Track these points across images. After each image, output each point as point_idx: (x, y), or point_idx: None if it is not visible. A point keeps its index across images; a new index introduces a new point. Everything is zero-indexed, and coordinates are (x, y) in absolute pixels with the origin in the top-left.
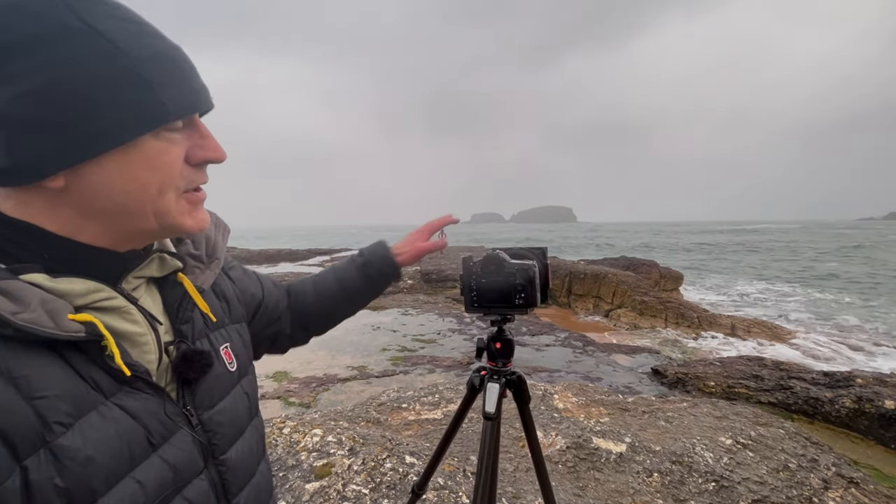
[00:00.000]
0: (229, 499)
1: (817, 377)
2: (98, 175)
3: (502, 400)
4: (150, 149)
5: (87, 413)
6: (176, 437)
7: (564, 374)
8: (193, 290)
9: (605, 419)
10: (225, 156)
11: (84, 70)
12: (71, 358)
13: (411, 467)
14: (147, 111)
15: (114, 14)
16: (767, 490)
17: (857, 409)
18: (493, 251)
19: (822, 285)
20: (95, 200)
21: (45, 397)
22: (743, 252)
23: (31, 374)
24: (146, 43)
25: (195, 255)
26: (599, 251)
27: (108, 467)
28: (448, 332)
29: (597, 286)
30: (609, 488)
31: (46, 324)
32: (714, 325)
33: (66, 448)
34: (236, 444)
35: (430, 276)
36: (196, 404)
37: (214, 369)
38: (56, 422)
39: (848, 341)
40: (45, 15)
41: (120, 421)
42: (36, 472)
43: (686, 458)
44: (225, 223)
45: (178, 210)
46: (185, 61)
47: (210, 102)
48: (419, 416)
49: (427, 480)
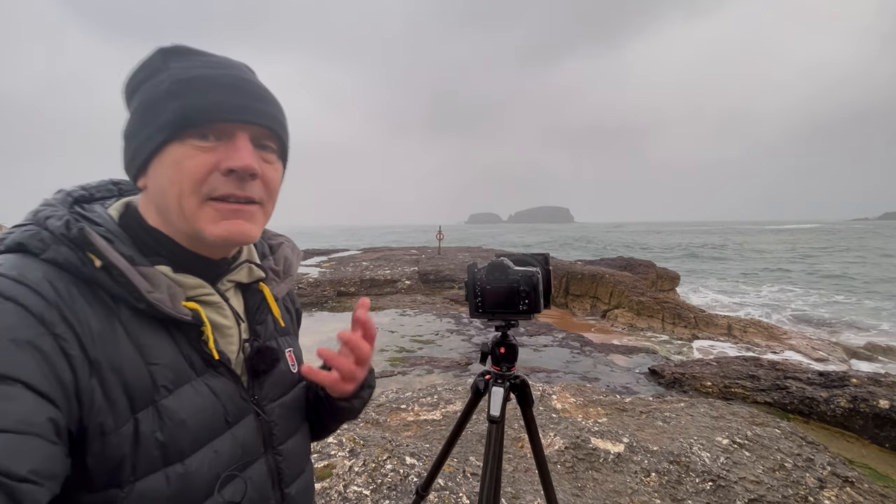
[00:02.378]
0: (283, 487)
1: (813, 377)
2: (151, 177)
3: (506, 403)
4: (177, 154)
5: (183, 384)
6: (245, 420)
7: (562, 375)
8: (271, 298)
9: (603, 419)
10: (245, 164)
11: (150, 94)
12: (176, 336)
13: (412, 468)
14: (169, 120)
15: (189, 55)
16: (764, 489)
17: (852, 408)
18: (498, 258)
19: (819, 285)
20: (155, 198)
21: (158, 364)
22: (739, 252)
23: (151, 343)
24: (194, 71)
25: (275, 269)
26: (597, 251)
27: (194, 432)
28: (446, 332)
29: (594, 286)
30: (607, 488)
31: (167, 304)
32: (711, 326)
33: (168, 409)
34: (291, 438)
35: (428, 276)
36: (262, 395)
37: (280, 367)
38: (163, 386)
39: (843, 341)
40: (151, 63)
41: (206, 396)
42: (144, 424)
43: (683, 457)
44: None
45: (201, 215)
46: (228, 84)
47: (244, 117)
48: (418, 417)
49: (431, 482)
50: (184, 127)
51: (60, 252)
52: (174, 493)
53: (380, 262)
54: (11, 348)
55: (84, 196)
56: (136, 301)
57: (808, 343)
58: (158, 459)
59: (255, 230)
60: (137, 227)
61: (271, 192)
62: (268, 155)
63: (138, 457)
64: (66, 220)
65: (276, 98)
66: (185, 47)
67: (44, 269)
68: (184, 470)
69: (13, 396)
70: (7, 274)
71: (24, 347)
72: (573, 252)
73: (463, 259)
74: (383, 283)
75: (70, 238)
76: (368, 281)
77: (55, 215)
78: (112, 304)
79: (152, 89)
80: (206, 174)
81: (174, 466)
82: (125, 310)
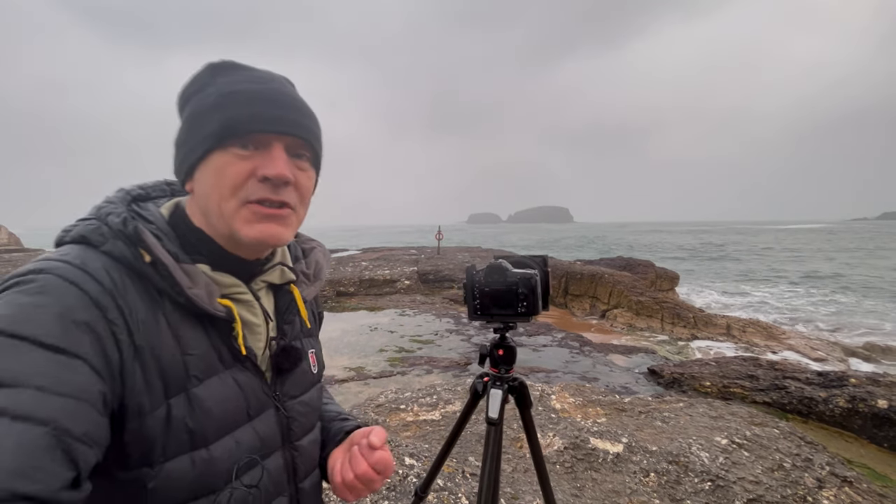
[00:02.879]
0: (297, 482)
1: (811, 377)
2: (197, 181)
3: (505, 405)
4: (219, 161)
5: (212, 376)
6: (266, 414)
7: (561, 375)
8: (300, 299)
9: (602, 419)
10: (278, 172)
11: (197, 106)
12: (209, 330)
13: (411, 469)
14: (213, 130)
15: (235, 70)
16: (762, 489)
17: (850, 408)
18: (496, 260)
19: (818, 285)
20: (199, 201)
21: (192, 355)
22: (738, 252)
23: (187, 335)
24: (237, 85)
25: (306, 273)
26: (595, 251)
27: (219, 421)
28: (445, 332)
29: (593, 286)
30: (606, 488)
31: (204, 300)
32: (710, 326)
33: (197, 397)
34: (307, 435)
35: (428, 276)
36: (283, 392)
37: (302, 366)
38: (194, 375)
39: (842, 341)
40: (201, 77)
41: (231, 388)
42: (176, 409)
43: (682, 457)
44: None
45: (237, 217)
46: (268, 98)
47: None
48: (417, 418)
49: (430, 483)
50: (226, 137)
51: (117, 246)
52: (197, 476)
53: (379, 263)
54: (72, 327)
55: (141, 195)
56: (177, 295)
57: (806, 343)
58: (186, 443)
59: (286, 233)
60: (184, 226)
61: (304, 198)
62: (302, 163)
63: (168, 439)
64: (124, 218)
65: (311, 110)
66: (232, 62)
67: (103, 260)
68: (208, 455)
69: (74, 368)
70: (72, 262)
71: (83, 327)
72: (577, 253)
73: (462, 259)
74: (382, 283)
75: (126, 234)
76: (368, 281)
77: (115, 212)
78: (157, 296)
79: (200, 102)
80: (244, 180)
81: (199, 451)
82: (167, 302)
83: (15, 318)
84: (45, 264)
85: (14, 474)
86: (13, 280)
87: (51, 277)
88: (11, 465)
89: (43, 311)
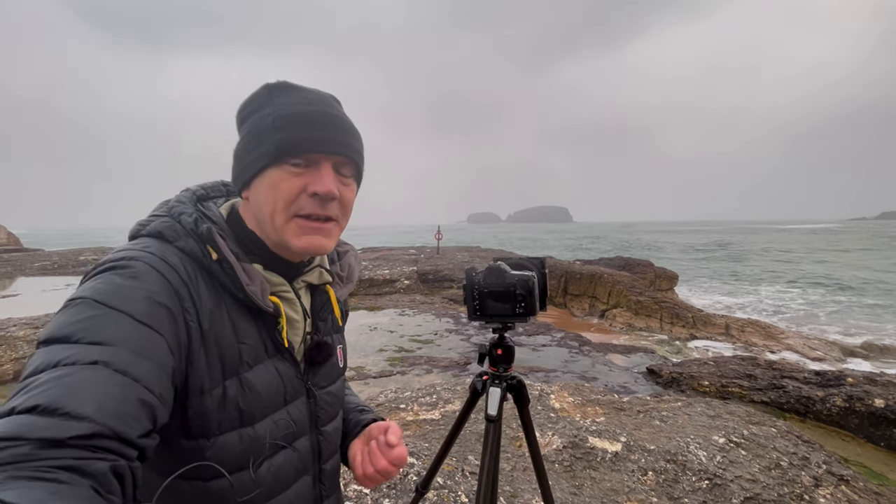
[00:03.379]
0: (321, 463)
1: (809, 376)
2: (253, 191)
3: (503, 403)
4: (274, 176)
5: (259, 363)
6: (299, 401)
7: (561, 374)
8: (334, 299)
9: (601, 419)
10: (327, 189)
11: (257, 125)
12: (258, 323)
13: (411, 467)
14: (270, 150)
15: (292, 92)
16: (759, 488)
17: (847, 407)
18: (495, 262)
19: (817, 285)
20: (254, 209)
21: (246, 343)
22: (737, 252)
23: (243, 325)
24: (293, 107)
25: (340, 275)
26: (594, 251)
27: (264, 403)
28: (445, 332)
29: (592, 286)
30: (605, 487)
31: (259, 296)
32: (708, 325)
33: (248, 381)
34: (332, 422)
35: (427, 276)
36: (314, 382)
37: (332, 360)
38: (246, 361)
39: (840, 341)
40: (259, 97)
41: (273, 376)
42: (230, 390)
43: (680, 456)
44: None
45: (287, 228)
46: (318, 121)
47: (329, 149)
48: (417, 417)
49: (430, 480)
50: (282, 155)
51: (189, 243)
52: (244, 450)
53: (378, 262)
54: (157, 307)
55: (204, 195)
56: (237, 290)
57: (805, 342)
58: (236, 421)
59: (330, 244)
60: (239, 228)
61: (346, 210)
62: (346, 179)
63: (223, 416)
64: (195, 218)
65: (355, 129)
66: (287, 83)
67: (179, 255)
68: (253, 433)
69: (156, 341)
70: (155, 253)
71: (164, 310)
72: (577, 252)
73: (462, 259)
74: (382, 283)
75: (197, 233)
76: (367, 281)
77: (186, 212)
78: (220, 290)
79: (259, 121)
80: (296, 195)
81: (246, 429)
82: (228, 296)
83: (113, 294)
84: (134, 253)
85: (115, 416)
86: (109, 264)
87: (141, 265)
88: (114, 407)
89: (135, 292)
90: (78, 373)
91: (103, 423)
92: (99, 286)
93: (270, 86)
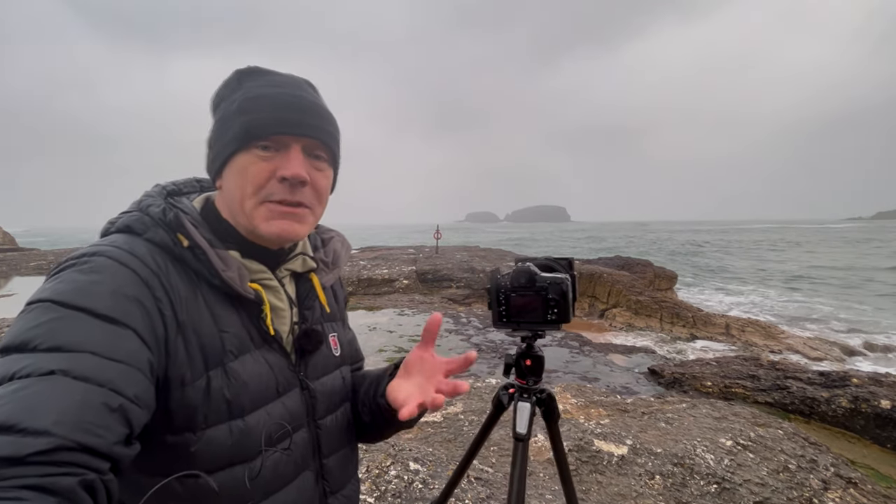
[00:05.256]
0: (321, 458)
1: (813, 377)
2: (225, 179)
3: (533, 419)
4: (243, 161)
5: (244, 353)
6: (293, 392)
7: (562, 375)
8: (319, 286)
9: (606, 421)
10: (295, 173)
11: (225, 110)
12: (240, 311)
13: (416, 474)
14: (237, 133)
15: (259, 75)
16: (769, 492)
17: (853, 408)
18: (523, 264)
19: (816, 285)
20: (225, 196)
21: (228, 332)
22: (736, 252)
23: (223, 314)
24: (259, 90)
25: (325, 261)
26: (594, 251)
27: (253, 394)
28: (445, 332)
29: (592, 286)
30: (612, 491)
31: (237, 283)
32: (709, 325)
33: (234, 370)
34: (331, 415)
35: (426, 276)
36: (307, 373)
37: (323, 349)
38: (230, 351)
39: (840, 340)
40: (230, 83)
41: (262, 366)
42: (215, 381)
43: (687, 460)
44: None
45: (257, 214)
46: (286, 102)
47: (298, 131)
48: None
49: (448, 497)
50: (249, 139)
51: (158, 233)
52: (235, 443)
53: (377, 262)
54: (124, 301)
55: (174, 190)
56: (212, 277)
57: (805, 342)
58: (224, 413)
59: (302, 230)
60: (214, 218)
61: (321, 197)
62: (319, 163)
63: (209, 408)
64: (163, 208)
65: (328, 112)
66: (257, 68)
67: (147, 246)
68: (244, 425)
69: (125, 337)
70: (122, 247)
71: (133, 302)
72: (577, 252)
73: (461, 258)
74: (381, 283)
75: (166, 222)
76: (366, 280)
77: (154, 204)
78: (195, 278)
79: (228, 106)
80: (265, 180)
81: (236, 421)
82: (204, 284)
83: (73, 292)
84: (97, 248)
85: (77, 427)
86: (69, 262)
87: (103, 259)
88: (75, 418)
89: (98, 287)
90: (33, 385)
91: (65, 437)
92: (58, 286)
93: (241, 71)
